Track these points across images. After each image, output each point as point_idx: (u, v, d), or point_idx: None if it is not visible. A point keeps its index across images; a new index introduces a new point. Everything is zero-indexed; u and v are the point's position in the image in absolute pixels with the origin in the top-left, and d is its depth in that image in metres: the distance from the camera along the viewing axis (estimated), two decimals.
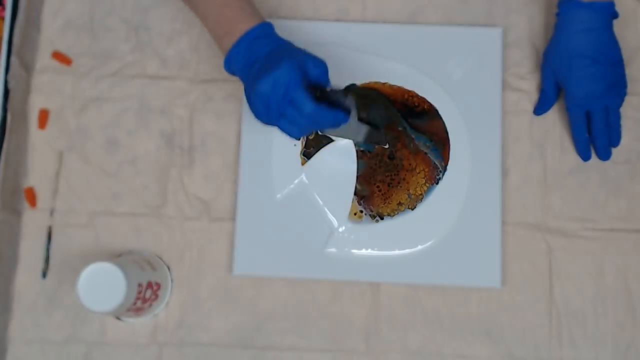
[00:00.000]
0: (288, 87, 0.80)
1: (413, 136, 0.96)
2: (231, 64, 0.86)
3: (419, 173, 0.96)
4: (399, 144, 0.96)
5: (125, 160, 0.98)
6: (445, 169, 0.96)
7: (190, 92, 0.99)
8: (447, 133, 0.96)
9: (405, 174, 0.96)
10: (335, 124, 0.84)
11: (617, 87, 0.94)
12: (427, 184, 0.96)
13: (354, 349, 0.94)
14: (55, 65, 1.00)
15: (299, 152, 0.97)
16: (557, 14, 0.94)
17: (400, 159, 0.96)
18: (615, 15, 0.92)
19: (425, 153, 0.96)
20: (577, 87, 0.93)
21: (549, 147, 0.97)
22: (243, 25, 0.84)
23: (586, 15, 0.91)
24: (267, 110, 0.82)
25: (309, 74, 0.82)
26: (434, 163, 0.96)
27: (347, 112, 0.85)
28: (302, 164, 0.96)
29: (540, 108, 0.97)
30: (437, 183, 0.95)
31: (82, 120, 0.99)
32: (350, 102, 0.86)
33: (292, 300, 0.95)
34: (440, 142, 0.96)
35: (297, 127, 0.83)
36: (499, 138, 0.96)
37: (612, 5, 0.91)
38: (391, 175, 0.96)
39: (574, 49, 0.92)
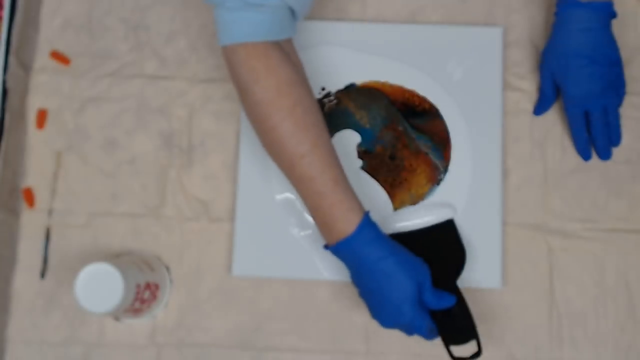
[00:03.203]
0: (413, 327, 0.84)
1: (414, 136, 0.96)
2: (334, 253, 0.84)
3: (419, 174, 0.95)
4: (400, 144, 0.96)
5: (123, 160, 0.98)
6: (446, 170, 0.95)
7: (189, 92, 0.99)
8: (447, 133, 0.96)
9: (407, 175, 0.95)
10: None
11: (616, 87, 0.94)
12: (429, 185, 0.95)
13: (354, 349, 0.93)
14: (53, 65, 1.00)
15: None
16: (556, 14, 0.94)
17: (401, 159, 0.96)
18: (613, 15, 0.92)
19: (426, 153, 0.96)
20: (574, 86, 0.93)
21: (549, 147, 0.97)
22: (342, 226, 0.81)
23: (584, 14, 0.91)
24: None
25: (423, 297, 0.84)
26: (435, 163, 0.95)
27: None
28: None
29: (540, 108, 0.97)
30: (438, 184, 0.95)
31: (81, 120, 0.99)
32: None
33: (292, 300, 0.94)
34: (441, 142, 0.96)
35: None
36: (500, 138, 0.96)
37: (611, 5, 0.91)
38: (393, 176, 0.95)
39: (571, 48, 0.92)
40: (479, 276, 0.93)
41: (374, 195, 0.95)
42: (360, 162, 0.96)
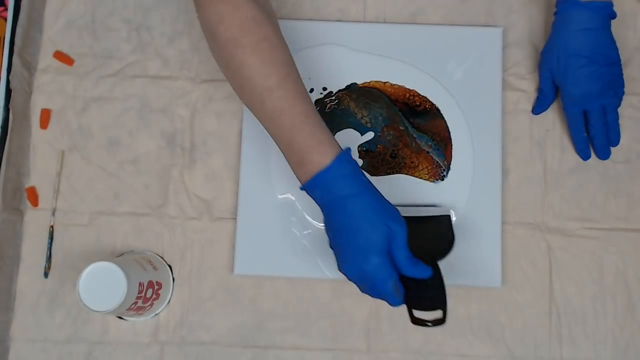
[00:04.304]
0: (377, 279, 0.77)
1: (415, 136, 0.96)
2: (308, 192, 0.80)
3: (422, 170, 0.96)
4: (401, 144, 0.96)
5: (126, 160, 0.98)
6: (449, 168, 0.96)
7: (191, 92, 1.00)
8: (449, 132, 0.97)
9: (408, 171, 0.96)
10: None
11: (614, 87, 0.94)
12: (432, 180, 0.96)
13: (354, 347, 0.94)
14: (57, 65, 1.00)
15: None
16: (556, 13, 0.94)
17: (402, 157, 0.96)
18: (613, 15, 0.92)
19: (428, 152, 0.96)
20: (573, 86, 0.93)
21: (548, 146, 0.97)
22: (317, 158, 0.78)
23: (584, 14, 0.91)
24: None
25: (392, 249, 0.78)
26: (437, 161, 0.96)
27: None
28: None
29: (539, 107, 0.98)
30: (442, 179, 0.95)
31: (84, 120, 0.99)
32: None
33: (293, 299, 0.95)
34: (442, 141, 0.97)
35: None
36: (500, 138, 0.96)
37: (610, 5, 0.91)
38: (394, 172, 0.96)
39: (571, 48, 0.92)
40: (478, 275, 0.94)
41: None
42: (360, 162, 0.96)
